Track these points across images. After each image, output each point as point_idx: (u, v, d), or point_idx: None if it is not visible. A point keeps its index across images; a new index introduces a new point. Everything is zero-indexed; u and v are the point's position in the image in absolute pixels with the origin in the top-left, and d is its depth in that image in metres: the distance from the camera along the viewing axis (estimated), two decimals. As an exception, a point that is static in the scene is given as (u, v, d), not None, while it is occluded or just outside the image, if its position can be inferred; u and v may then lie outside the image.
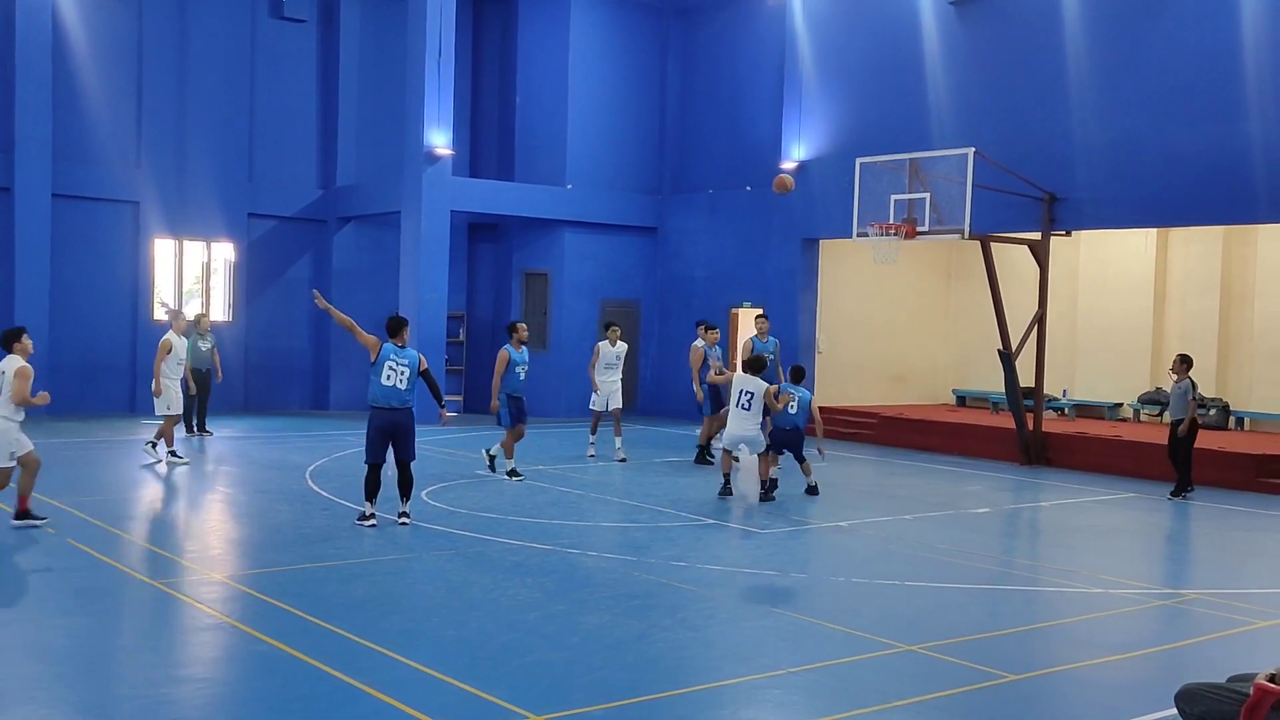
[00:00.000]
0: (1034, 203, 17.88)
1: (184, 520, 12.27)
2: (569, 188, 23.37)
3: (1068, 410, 20.98)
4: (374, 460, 11.23)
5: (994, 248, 17.50)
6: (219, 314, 22.80)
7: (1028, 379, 18.21)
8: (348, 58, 23.65)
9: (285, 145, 23.44)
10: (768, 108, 22.65)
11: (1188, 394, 14.42)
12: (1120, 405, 20.71)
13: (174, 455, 15.21)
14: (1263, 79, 15.93)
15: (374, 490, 11.28)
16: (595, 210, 23.56)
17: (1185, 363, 14.61)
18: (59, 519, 11.15)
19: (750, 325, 20.57)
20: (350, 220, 23.64)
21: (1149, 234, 20.02)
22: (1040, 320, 18.05)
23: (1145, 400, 20.19)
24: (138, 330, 21.65)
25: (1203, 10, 16.62)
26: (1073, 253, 20.93)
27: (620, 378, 16.86)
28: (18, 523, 10.64)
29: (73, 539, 10.34)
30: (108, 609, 8.29)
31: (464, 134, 24.66)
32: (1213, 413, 18.77)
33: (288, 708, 6.32)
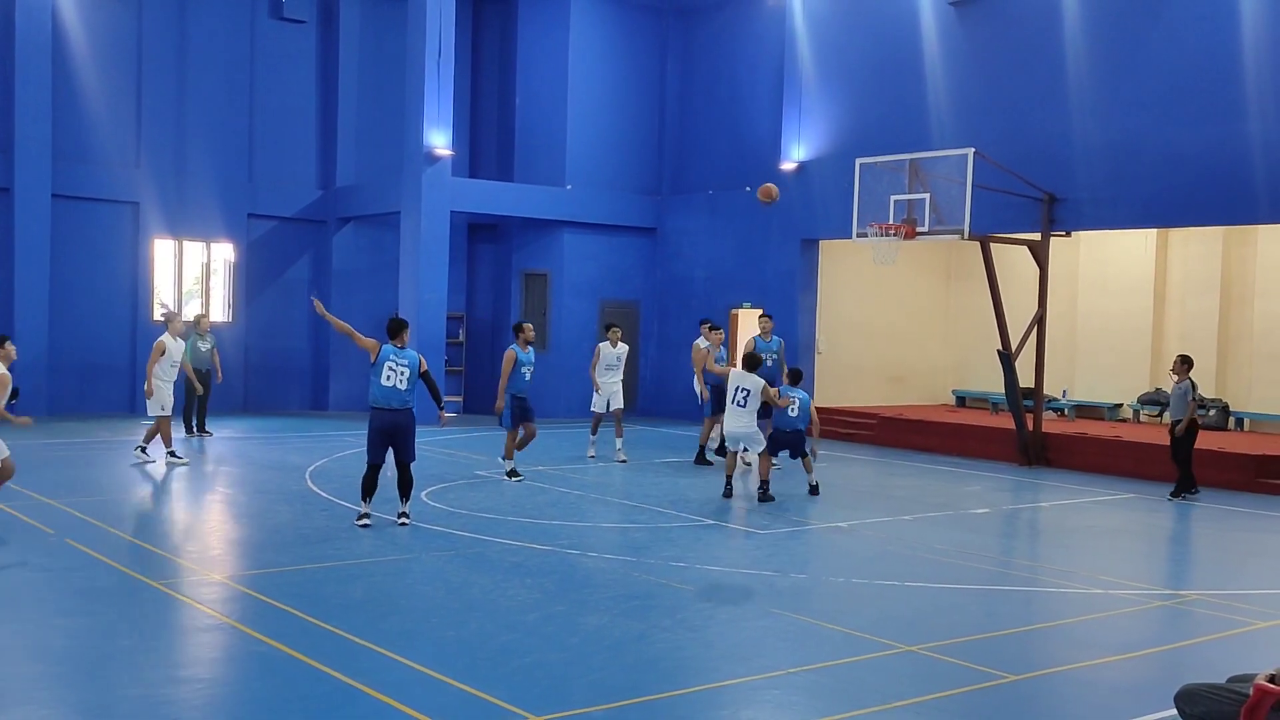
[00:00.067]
0: (1034, 203, 17.88)
1: (184, 521, 12.28)
2: (568, 188, 23.36)
3: (1067, 411, 20.98)
4: (374, 461, 11.25)
5: (994, 248, 17.50)
6: (219, 314, 22.82)
7: (1027, 379, 18.21)
8: (347, 58, 23.65)
9: (285, 146, 23.44)
10: (767, 108, 22.63)
11: (1188, 394, 14.41)
12: (1120, 406, 20.70)
13: (173, 455, 15.22)
14: (1263, 79, 15.92)
15: (370, 490, 11.29)
16: (595, 211, 23.55)
17: (1186, 363, 14.60)
18: (59, 519, 11.15)
19: (750, 326, 20.60)
20: (350, 221, 23.65)
21: (1149, 234, 20.01)
22: (1040, 321, 18.05)
23: (1145, 401, 20.18)
24: (137, 331, 21.64)
25: (1203, 10, 16.61)
26: (1072, 253, 20.92)
27: (621, 379, 16.89)
28: None
29: (72, 539, 10.34)
30: (107, 609, 8.27)
31: (463, 134, 24.68)
32: (1212, 413, 18.77)
33: (287, 708, 6.32)
